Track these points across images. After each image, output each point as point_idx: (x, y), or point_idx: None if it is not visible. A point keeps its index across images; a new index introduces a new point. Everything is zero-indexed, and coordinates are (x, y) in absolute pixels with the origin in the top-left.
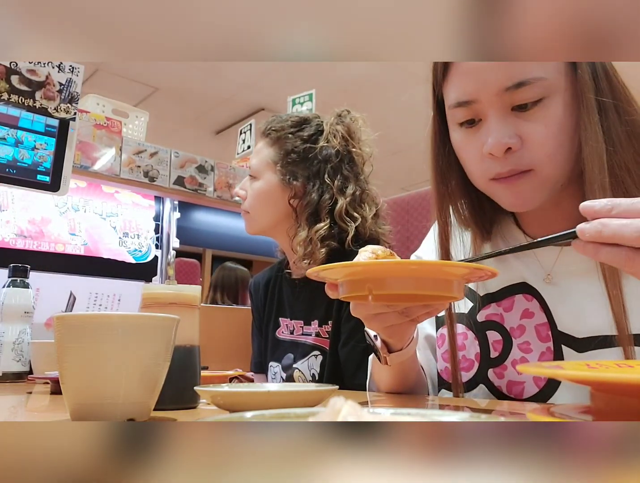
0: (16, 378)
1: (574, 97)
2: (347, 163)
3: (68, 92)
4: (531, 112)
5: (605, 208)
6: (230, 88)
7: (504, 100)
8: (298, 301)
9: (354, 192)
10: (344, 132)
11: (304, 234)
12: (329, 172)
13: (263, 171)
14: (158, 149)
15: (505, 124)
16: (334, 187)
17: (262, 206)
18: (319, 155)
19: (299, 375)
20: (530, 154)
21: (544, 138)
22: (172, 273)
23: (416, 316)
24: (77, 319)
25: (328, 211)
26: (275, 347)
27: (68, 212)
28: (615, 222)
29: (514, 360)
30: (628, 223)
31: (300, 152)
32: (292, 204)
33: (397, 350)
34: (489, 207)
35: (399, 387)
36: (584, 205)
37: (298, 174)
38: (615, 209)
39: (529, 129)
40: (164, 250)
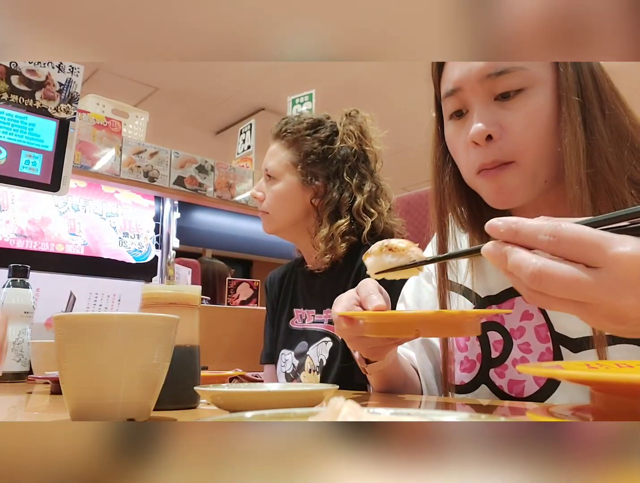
0: (16, 378)
1: (556, 91)
2: (363, 161)
3: (68, 92)
4: (512, 101)
5: (509, 231)
6: (230, 88)
7: (486, 88)
8: (312, 291)
9: (371, 188)
10: (358, 132)
11: (325, 231)
12: (347, 171)
13: (282, 173)
14: (158, 149)
15: (487, 113)
16: (352, 185)
17: (283, 206)
18: (338, 156)
19: (308, 362)
20: (511, 143)
21: (524, 127)
22: (172, 273)
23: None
24: (77, 319)
25: (348, 208)
26: (288, 336)
27: (68, 212)
28: (514, 256)
29: (515, 359)
30: (526, 262)
31: (319, 153)
32: (314, 203)
33: (376, 360)
34: (487, 210)
35: (385, 390)
36: (489, 224)
37: (318, 174)
38: (519, 234)
39: (510, 118)
40: (164, 250)
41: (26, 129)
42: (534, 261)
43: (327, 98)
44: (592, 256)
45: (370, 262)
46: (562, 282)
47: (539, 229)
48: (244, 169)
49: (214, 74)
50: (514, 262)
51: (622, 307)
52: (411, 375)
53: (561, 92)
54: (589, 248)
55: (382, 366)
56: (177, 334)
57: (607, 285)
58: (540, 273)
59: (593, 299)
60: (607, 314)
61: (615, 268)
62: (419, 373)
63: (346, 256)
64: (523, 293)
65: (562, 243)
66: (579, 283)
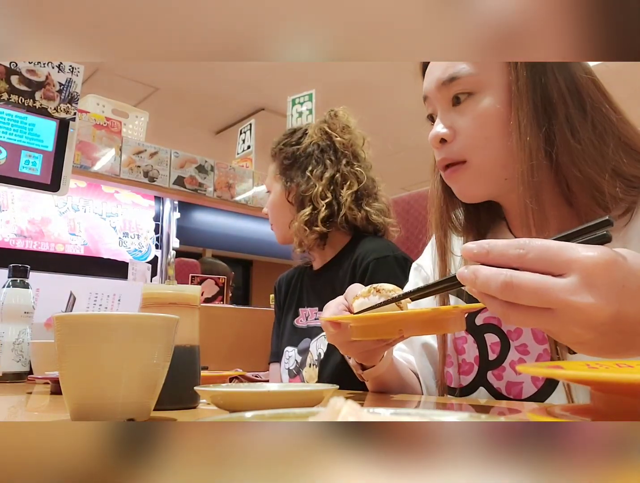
0: (16, 378)
1: (509, 94)
2: (332, 153)
3: (68, 92)
4: (464, 105)
5: (482, 251)
6: (230, 88)
7: (443, 94)
8: (315, 290)
9: (333, 175)
10: (325, 127)
11: (295, 224)
12: (312, 163)
13: (271, 184)
14: (158, 149)
15: (444, 117)
16: (313, 176)
17: (276, 215)
18: (304, 153)
19: (309, 357)
20: (459, 144)
21: (471, 129)
22: (172, 273)
23: (393, 342)
24: (77, 319)
25: (310, 198)
26: (292, 334)
27: (68, 212)
28: (484, 271)
29: (512, 361)
30: (496, 274)
31: (290, 156)
32: (290, 201)
33: (371, 366)
34: (485, 214)
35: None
36: (464, 248)
37: (292, 174)
38: (491, 252)
39: (461, 121)
40: (164, 250)
41: (26, 129)
42: (502, 272)
43: (327, 98)
44: (558, 263)
45: (358, 303)
46: (531, 287)
47: (509, 244)
48: (243, 169)
49: (214, 73)
50: (484, 277)
51: (588, 308)
52: (409, 379)
53: (512, 96)
54: (555, 256)
55: (378, 372)
56: (177, 334)
57: (573, 288)
58: (510, 280)
59: (560, 303)
60: (574, 319)
61: (581, 272)
62: (419, 377)
63: (342, 251)
64: (496, 312)
65: (531, 253)
66: (547, 287)
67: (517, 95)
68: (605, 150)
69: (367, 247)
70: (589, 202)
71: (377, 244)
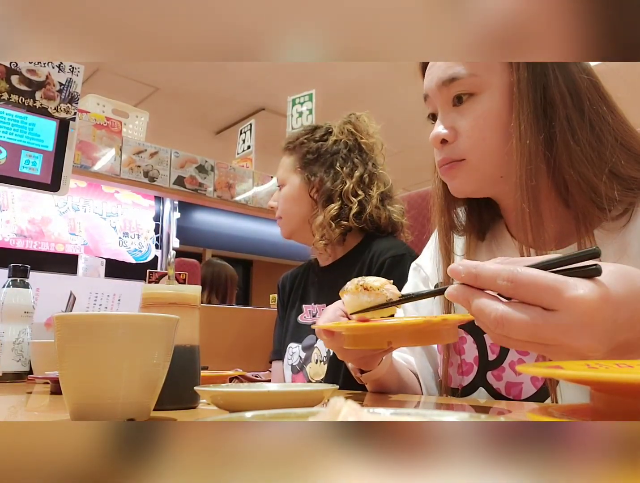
0: (16, 378)
1: (510, 95)
2: (357, 152)
3: (68, 92)
4: (465, 105)
5: (469, 276)
6: (230, 88)
7: (443, 93)
8: (323, 286)
9: (362, 174)
10: (351, 128)
11: (320, 218)
12: (340, 161)
13: (287, 177)
14: (158, 149)
15: (445, 118)
16: (343, 173)
17: (291, 207)
18: (330, 150)
19: (316, 352)
20: (460, 145)
21: (471, 130)
22: (172, 274)
23: (388, 349)
24: (77, 319)
25: (339, 194)
26: (296, 330)
27: (68, 212)
28: (477, 302)
29: (512, 362)
30: (488, 309)
31: (314, 151)
32: (313, 196)
33: (369, 370)
34: (486, 213)
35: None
36: (450, 268)
37: (315, 170)
38: (479, 278)
39: (461, 122)
40: (164, 250)
41: (26, 128)
42: (494, 307)
43: (327, 98)
44: (548, 299)
45: (347, 299)
46: (522, 327)
47: (497, 274)
48: (244, 168)
49: (214, 74)
50: (477, 307)
51: (580, 347)
52: (409, 380)
53: (513, 98)
54: (544, 293)
55: (377, 375)
56: (177, 334)
57: (565, 328)
58: (502, 319)
59: (553, 341)
60: (569, 354)
61: (571, 311)
62: (419, 378)
63: (355, 249)
64: (489, 334)
65: (520, 289)
66: (538, 328)
67: (519, 97)
68: (603, 152)
69: (383, 245)
70: (586, 204)
71: (393, 243)
